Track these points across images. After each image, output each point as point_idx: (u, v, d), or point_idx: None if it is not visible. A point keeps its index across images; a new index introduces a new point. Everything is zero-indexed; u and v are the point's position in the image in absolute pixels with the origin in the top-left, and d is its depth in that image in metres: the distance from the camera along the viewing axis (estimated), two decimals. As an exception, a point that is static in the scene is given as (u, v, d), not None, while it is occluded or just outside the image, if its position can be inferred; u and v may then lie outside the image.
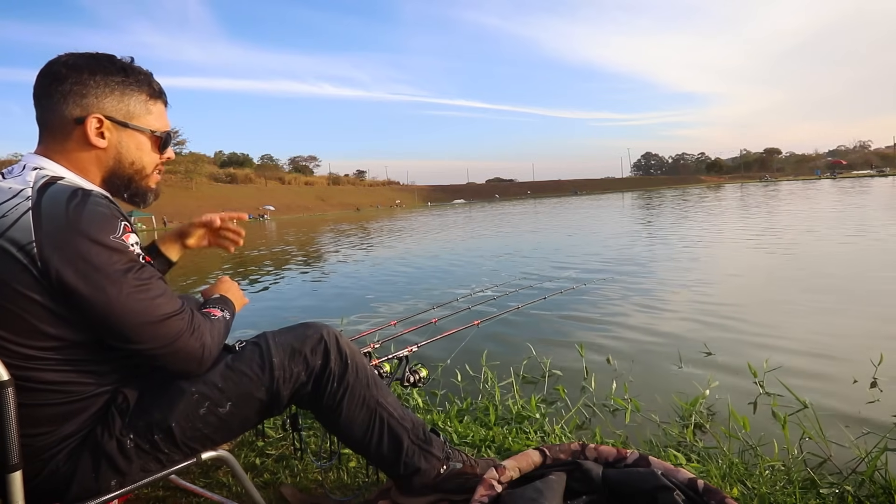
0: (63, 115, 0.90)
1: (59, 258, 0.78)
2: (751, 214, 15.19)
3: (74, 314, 0.82)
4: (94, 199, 0.83)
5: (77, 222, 0.79)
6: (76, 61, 0.90)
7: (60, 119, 0.90)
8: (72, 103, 0.89)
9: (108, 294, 0.81)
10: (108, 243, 0.81)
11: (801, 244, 7.90)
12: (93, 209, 0.82)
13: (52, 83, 0.89)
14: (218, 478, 1.56)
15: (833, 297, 4.44)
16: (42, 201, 0.80)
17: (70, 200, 0.81)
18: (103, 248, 0.81)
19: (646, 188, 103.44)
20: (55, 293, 0.80)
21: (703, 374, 2.71)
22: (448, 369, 2.93)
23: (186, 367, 0.93)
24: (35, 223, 0.79)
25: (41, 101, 0.91)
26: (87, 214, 0.80)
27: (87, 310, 0.82)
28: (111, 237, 0.82)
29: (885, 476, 1.41)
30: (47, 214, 0.79)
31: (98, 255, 0.80)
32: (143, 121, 0.97)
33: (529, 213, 27.87)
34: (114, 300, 0.81)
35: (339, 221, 35.39)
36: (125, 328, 0.84)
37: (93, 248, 0.80)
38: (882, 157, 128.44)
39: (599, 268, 6.91)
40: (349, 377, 1.11)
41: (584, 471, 1.03)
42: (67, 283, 0.79)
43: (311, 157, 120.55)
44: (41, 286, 0.79)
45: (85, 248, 0.79)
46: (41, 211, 0.79)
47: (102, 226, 0.82)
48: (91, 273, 0.80)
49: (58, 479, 0.89)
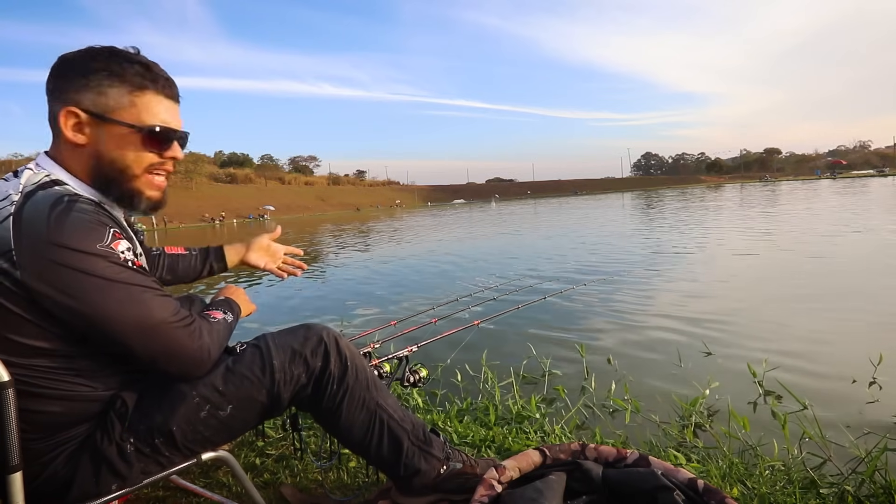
0: (51, 111, 0.88)
1: (38, 269, 0.76)
2: (751, 214, 15.19)
3: (61, 324, 0.81)
4: (80, 206, 0.80)
5: (59, 232, 0.76)
6: (71, 55, 0.88)
7: (52, 115, 0.88)
8: (56, 98, 0.87)
9: (94, 303, 0.79)
10: (91, 251, 0.78)
11: (801, 244, 7.91)
12: (76, 217, 0.79)
13: (49, 79, 0.88)
14: (218, 478, 1.56)
15: (833, 297, 4.45)
16: (25, 208, 0.78)
17: (53, 208, 0.78)
18: (85, 257, 0.78)
19: (646, 188, 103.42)
20: (38, 304, 0.78)
21: (703, 374, 2.71)
22: (448, 369, 2.94)
23: (186, 370, 0.92)
24: (15, 231, 0.76)
25: (50, 97, 0.89)
26: (69, 223, 0.78)
27: (76, 320, 0.80)
28: (97, 245, 0.79)
29: (885, 476, 1.41)
30: (28, 221, 0.77)
31: (80, 265, 0.77)
32: (124, 114, 0.88)
33: (529, 212, 27.86)
34: (101, 309, 0.79)
35: (339, 221, 35.39)
36: (119, 335, 0.82)
37: (73, 258, 0.77)
38: (882, 157, 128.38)
39: (599, 268, 6.91)
40: (349, 379, 1.11)
41: (584, 471, 1.03)
42: (48, 295, 0.77)
43: (311, 157, 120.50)
44: (21, 296, 0.77)
45: (65, 258, 0.76)
46: (22, 217, 0.77)
47: (85, 234, 0.79)
48: (73, 283, 0.77)
49: (57, 482, 0.89)
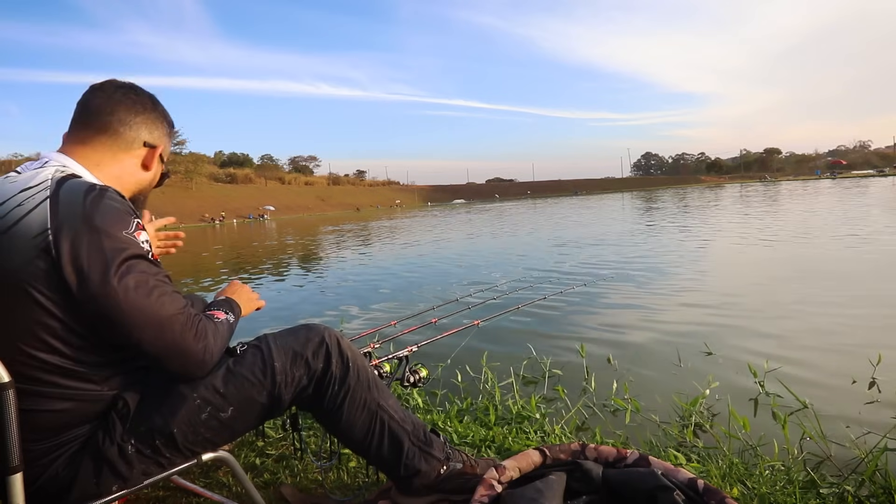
0: (134, 136, 1.02)
1: (73, 246, 0.80)
2: (751, 214, 15.19)
3: (79, 307, 0.82)
4: (110, 194, 0.87)
5: (93, 214, 0.82)
6: (154, 98, 1.08)
7: (127, 138, 1.01)
8: (145, 131, 1.03)
9: (114, 287, 0.81)
10: (119, 237, 0.84)
11: (800, 244, 7.91)
12: (109, 204, 0.85)
13: (134, 106, 1.02)
14: (218, 478, 1.56)
15: (833, 297, 4.45)
16: (60, 192, 0.84)
17: (88, 193, 0.84)
18: (115, 242, 0.83)
19: (646, 188, 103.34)
20: (64, 283, 0.80)
21: (703, 374, 2.71)
22: (448, 369, 2.94)
23: (187, 369, 0.92)
24: (52, 211, 0.81)
25: (112, 114, 0.99)
26: (103, 208, 0.84)
27: (93, 301, 0.82)
28: (123, 232, 0.85)
29: (885, 476, 1.41)
30: (65, 203, 0.82)
31: (109, 248, 0.82)
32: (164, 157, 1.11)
33: (529, 213, 27.86)
34: (119, 294, 0.82)
35: (339, 221, 35.39)
36: (127, 324, 0.84)
37: (105, 241, 0.82)
38: (882, 157, 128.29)
39: (599, 268, 6.91)
40: (350, 380, 1.11)
41: (584, 471, 1.03)
42: (78, 271, 0.80)
43: (311, 157, 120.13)
44: (50, 275, 0.80)
45: (98, 239, 0.82)
46: (59, 200, 0.83)
47: (116, 220, 0.85)
48: (100, 264, 0.81)
49: (58, 483, 0.89)
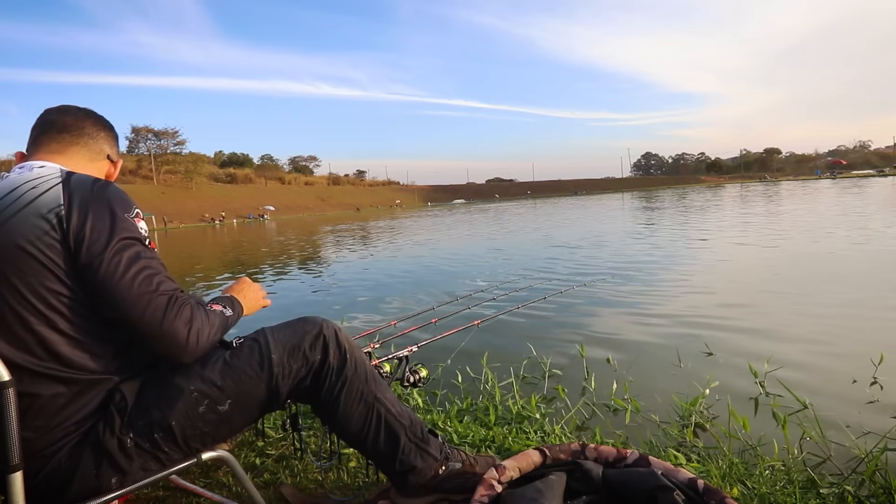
0: (100, 148, 1.12)
1: (81, 215, 0.88)
2: (751, 214, 15.19)
3: (79, 274, 0.88)
4: (114, 185, 0.98)
5: (102, 194, 0.93)
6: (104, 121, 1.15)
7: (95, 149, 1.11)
8: (107, 145, 1.13)
9: (108, 259, 0.88)
10: (123, 218, 0.93)
11: (801, 244, 7.91)
12: (114, 189, 0.96)
13: (97, 123, 1.12)
14: (218, 478, 1.56)
15: (833, 296, 4.45)
16: (71, 179, 0.93)
17: (95, 182, 0.95)
18: (118, 221, 0.91)
19: (646, 188, 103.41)
20: (68, 249, 0.87)
21: (703, 374, 2.71)
22: (448, 369, 2.94)
23: (171, 350, 0.92)
24: (65, 191, 0.90)
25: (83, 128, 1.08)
26: (110, 192, 0.94)
27: (88, 269, 0.87)
28: (126, 215, 0.94)
29: (885, 476, 1.41)
30: (76, 186, 0.92)
31: (111, 225, 0.90)
32: None
33: (529, 212, 27.87)
34: (111, 267, 0.88)
35: (339, 221, 35.40)
36: (116, 296, 0.88)
37: (109, 218, 0.90)
38: (882, 157, 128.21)
39: (599, 268, 6.91)
40: (347, 371, 1.12)
41: (584, 471, 1.03)
42: (81, 239, 0.87)
43: (311, 157, 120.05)
44: (58, 242, 0.87)
45: (104, 215, 0.90)
46: (70, 185, 0.92)
47: (121, 203, 0.94)
48: (102, 236, 0.89)
49: (59, 476, 0.90)
